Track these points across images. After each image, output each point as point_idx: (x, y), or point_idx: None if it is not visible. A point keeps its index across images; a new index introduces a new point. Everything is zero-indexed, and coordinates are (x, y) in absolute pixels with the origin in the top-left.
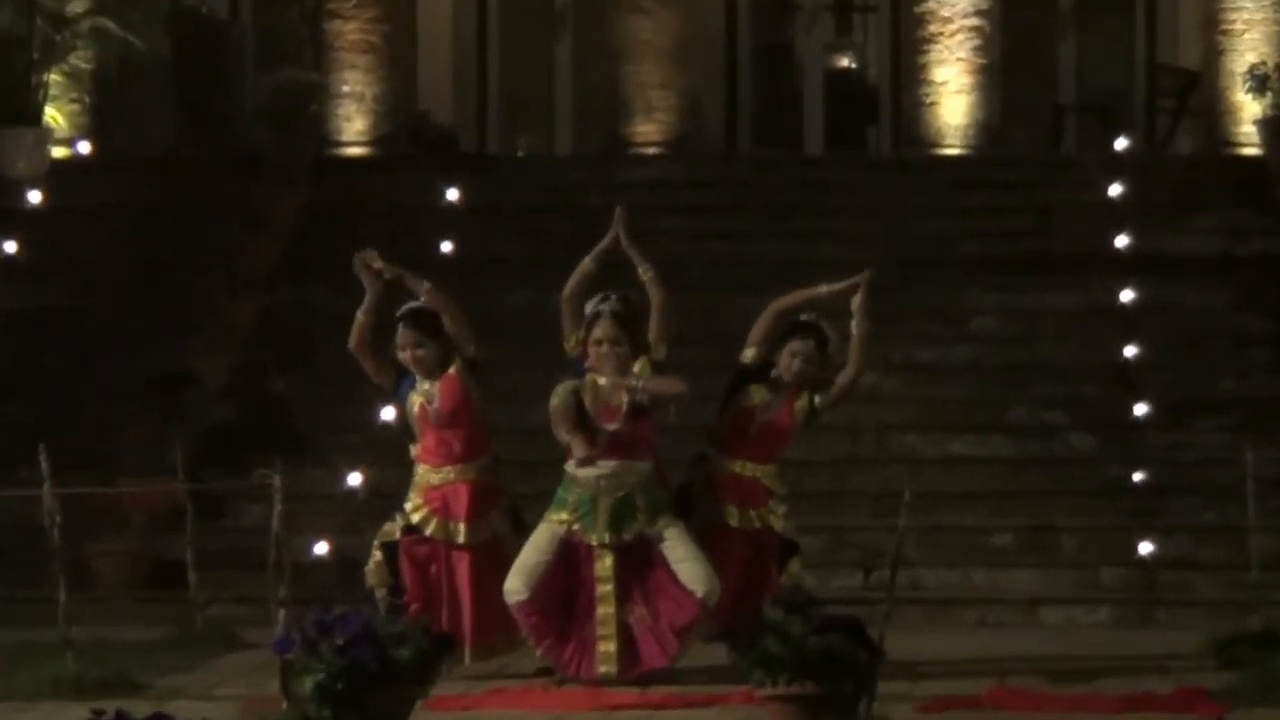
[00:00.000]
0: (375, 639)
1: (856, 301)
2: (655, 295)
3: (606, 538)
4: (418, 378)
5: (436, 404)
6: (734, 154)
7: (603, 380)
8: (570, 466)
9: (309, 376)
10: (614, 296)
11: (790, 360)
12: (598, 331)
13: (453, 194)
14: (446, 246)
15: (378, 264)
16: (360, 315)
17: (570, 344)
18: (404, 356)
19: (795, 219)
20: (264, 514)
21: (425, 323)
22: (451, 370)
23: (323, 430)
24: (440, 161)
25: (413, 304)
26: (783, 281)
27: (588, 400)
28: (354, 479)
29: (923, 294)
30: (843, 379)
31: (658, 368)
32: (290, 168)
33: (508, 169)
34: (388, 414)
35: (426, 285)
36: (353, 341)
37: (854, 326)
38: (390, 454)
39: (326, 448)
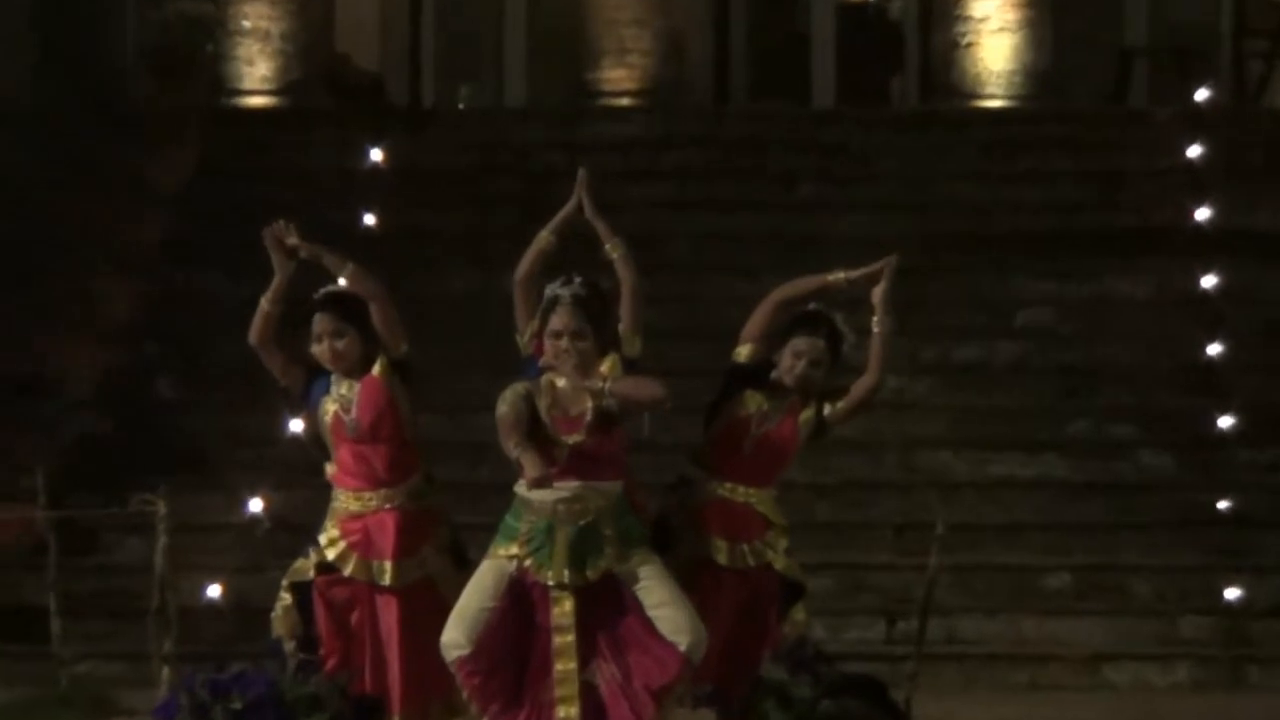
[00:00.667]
0: (282, 703)
1: (878, 292)
2: (626, 278)
3: (566, 576)
4: (333, 380)
5: (354, 413)
6: (725, 107)
7: (562, 382)
8: (521, 488)
9: (201, 379)
10: (576, 280)
11: (794, 361)
12: (556, 321)
13: (378, 155)
14: (371, 219)
15: (292, 240)
16: (265, 303)
17: (524, 338)
18: (320, 350)
19: (801, 187)
20: (145, 549)
21: (349, 309)
22: (375, 371)
23: (218, 445)
24: (364, 115)
25: (333, 287)
26: (786, 265)
27: (543, 406)
28: (256, 505)
29: (959, 280)
30: (860, 385)
31: (630, 367)
32: (179, 122)
33: (446, 124)
34: (298, 425)
35: (351, 267)
36: (254, 335)
37: (874, 322)
38: (301, 474)
39: (223, 467)
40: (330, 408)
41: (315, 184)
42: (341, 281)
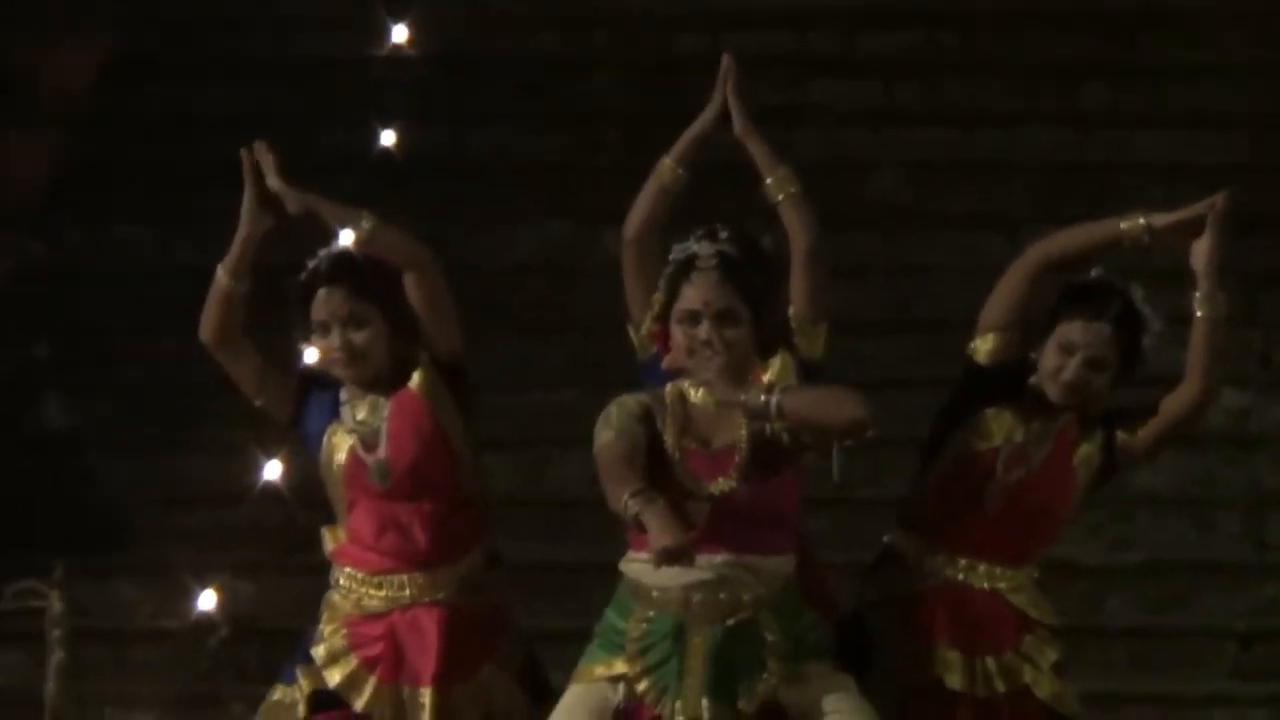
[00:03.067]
0: None
1: (1202, 252)
2: (801, 233)
3: (706, 710)
4: (345, 396)
5: (384, 450)
6: None
7: (700, 394)
8: (635, 567)
9: (117, 398)
10: (723, 233)
11: (1064, 360)
12: (692, 297)
13: (402, 33)
14: (389, 138)
15: (274, 180)
16: (224, 275)
17: (641, 330)
18: (323, 348)
19: (1088, 84)
20: (29, 665)
21: (371, 282)
22: (413, 383)
23: (144, 502)
24: None
25: (341, 247)
26: (1058, 210)
27: (670, 434)
28: (207, 600)
29: None
30: (1175, 402)
31: (809, 372)
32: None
33: None
34: (275, 470)
35: (367, 222)
36: (208, 326)
37: (1197, 301)
38: (281, 549)
39: (152, 537)
40: (343, 443)
41: (298, 85)
42: (350, 241)
